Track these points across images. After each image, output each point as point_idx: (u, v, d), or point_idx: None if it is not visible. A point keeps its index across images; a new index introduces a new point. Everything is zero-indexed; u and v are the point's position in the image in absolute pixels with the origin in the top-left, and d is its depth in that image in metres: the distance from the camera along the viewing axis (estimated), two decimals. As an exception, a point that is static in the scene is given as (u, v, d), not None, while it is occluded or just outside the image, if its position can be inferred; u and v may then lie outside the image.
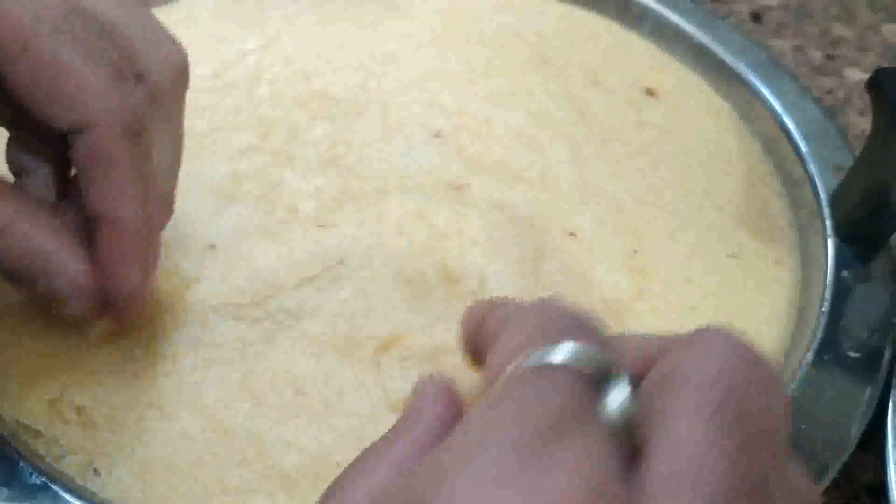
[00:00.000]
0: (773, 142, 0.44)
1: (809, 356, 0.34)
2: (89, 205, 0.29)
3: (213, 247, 0.37)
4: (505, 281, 0.36)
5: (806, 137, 0.43)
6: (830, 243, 0.38)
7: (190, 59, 0.45)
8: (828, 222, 0.39)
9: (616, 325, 0.36)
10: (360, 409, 0.33)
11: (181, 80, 0.31)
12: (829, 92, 0.48)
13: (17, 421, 0.32)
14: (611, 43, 0.49)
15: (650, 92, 0.46)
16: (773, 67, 0.46)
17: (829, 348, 0.35)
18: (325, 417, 0.32)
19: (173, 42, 0.31)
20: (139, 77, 0.29)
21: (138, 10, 0.30)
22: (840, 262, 0.38)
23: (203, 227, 0.38)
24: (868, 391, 0.34)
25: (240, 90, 0.44)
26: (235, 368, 0.34)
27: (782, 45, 0.50)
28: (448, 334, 0.35)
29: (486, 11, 0.50)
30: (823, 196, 0.40)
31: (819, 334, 0.35)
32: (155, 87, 0.29)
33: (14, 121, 0.30)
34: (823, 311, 0.36)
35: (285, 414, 0.32)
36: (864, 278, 0.37)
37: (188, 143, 0.41)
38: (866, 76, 0.37)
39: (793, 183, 0.42)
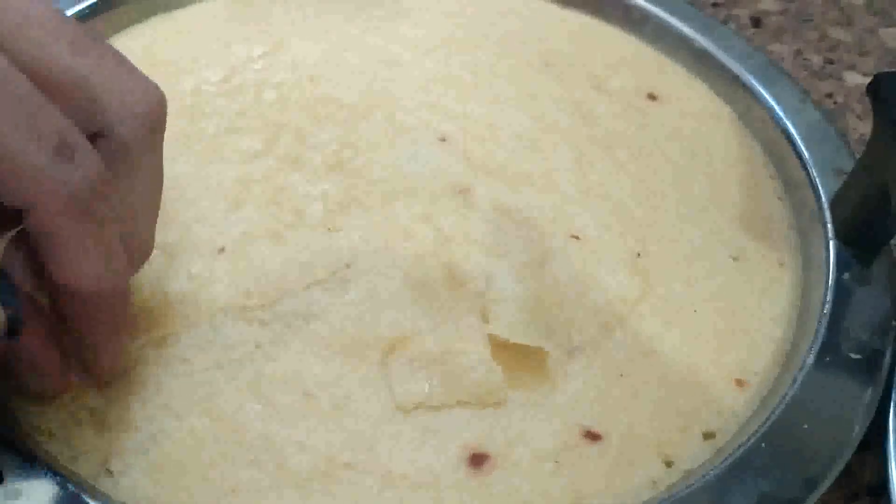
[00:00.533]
0: (774, 145, 0.44)
1: (811, 358, 0.35)
2: (49, 275, 0.28)
3: (222, 250, 0.37)
4: (509, 283, 0.37)
5: (806, 140, 0.43)
6: (831, 246, 0.39)
7: (200, 63, 0.46)
8: (829, 225, 0.39)
9: (621, 328, 0.36)
10: (369, 410, 0.33)
11: (155, 124, 0.29)
12: (829, 96, 0.49)
13: (31, 423, 0.32)
14: (613, 47, 0.49)
15: (652, 96, 0.47)
16: (774, 71, 0.47)
17: (830, 350, 0.35)
18: (334, 418, 0.33)
19: (143, 83, 0.29)
20: (100, 133, 0.28)
21: (100, 51, 0.28)
22: (841, 265, 0.38)
23: (212, 231, 0.38)
24: (869, 392, 0.34)
25: (248, 95, 0.44)
26: (245, 370, 0.34)
27: (782, 49, 0.51)
28: (455, 336, 0.35)
29: (490, 16, 0.50)
30: (824, 199, 0.40)
31: (820, 336, 0.36)
32: (121, 139, 0.28)
33: None
34: (825, 314, 0.36)
35: (295, 415, 0.33)
36: (865, 281, 0.37)
37: (197, 148, 0.42)
38: (865, 80, 0.37)
39: (794, 186, 0.43)
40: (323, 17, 0.49)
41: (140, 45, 0.47)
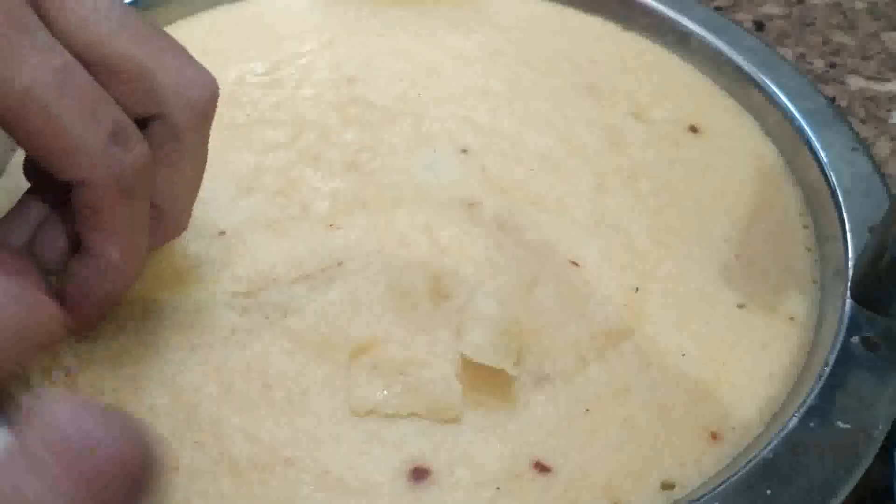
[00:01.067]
0: (815, 194, 0.42)
1: (794, 421, 0.33)
2: (82, 237, 0.30)
3: (222, 233, 0.38)
4: (491, 302, 0.36)
5: (848, 192, 0.40)
6: (847, 305, 0.36)
7: (248, 54, 0.47)
8: (849, 284, 0.37)
9: (598, 363, 0.35)
10: (321, 410, 0.33)
11: (206, 112, 0.31)
12: (832, 100, 0.47)
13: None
14: (664, 75, 0.47)
15: (693, 129, 0.45)
16: (830, 115, 0.44)
17: (818, 415, 0.33)
18: (285, 413, 0.33)
19: (200, 73, 0.31)
20: (155, 117, 0.30)
21: (160, 43, 0.30)
22: (852, 327, 0.35)
23: (217, 214, 0.39)
24: (855, 464, 0.32)
25: (285, 89, 0.45)
26: (215, 353, 0.35)
27: (785, 53, 0.50)
28: (424, 348, 0.35)
29: (543, 33, 0.50)
30: (851, 255, 0.38)
31: (810, 399, 0.33)
32: (174, 125, 0.31)
33: None
34: (821, 376, 0.34)
35: (249, 404, 0.33)
36: (873, 347, 0.35)
37: (224, 133, 0.43)
38: (868, 84, 0.36)
39: (825, 238, 0.40)
40: (377, 19, 0.50)
41: (198, 32, 0.49)
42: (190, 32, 0.49)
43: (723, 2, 0.54)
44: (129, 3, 0.48)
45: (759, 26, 0.52)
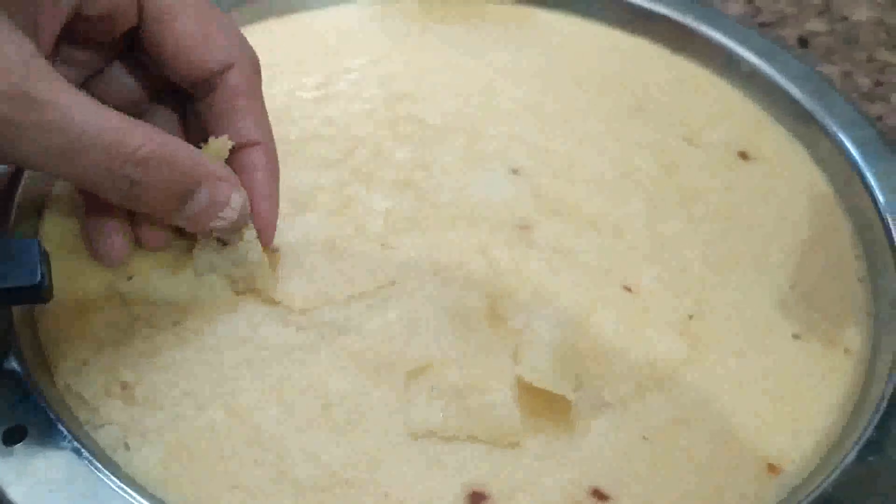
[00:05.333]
0: (867, 224, 0.42)
1: (852, 455, 0.33)
2: (237, 137, 0.36)
3: (276, 251, 0.38)
4: (549, 326, 0.36)
5: (902, 224, 0.40)
6: (904, 339, 0.36)
7: (300, 68, 0.48)
8: (905, 317, 0.37)
9: (657, 391, 0.35)
10: (381, 431, 0.33)
11: (258, 69, 0.37)
12: (880, 119, 0.47)
13: (68, 385, 0.34)
14: (714, 100, 0.47)
15: (744, 155, 0.45)
16: (882, 146, 0.44)
17: (875, 449, 0.33)
18: (345, 434, 0.33)
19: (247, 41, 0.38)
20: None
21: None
22: (909, 361, 0.36)
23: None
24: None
25: (337, 104, 0.45)
26: (273, 372, 0.35)
27: (831, 70, 0.50)
28: (482, 372, 0.35)
29: (595, 54, 0.50)
30: (907, 288, 0.38)
31: (867, 433, 0.33)
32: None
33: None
34: (878, 411, 0.34)
35: (309, 424, 0.33)
36: (932, 382, 0.35)
37: (278, 149, 0.43)
38: None
39: (879, 270, 0.40)
40: (427, 35, 0.50)
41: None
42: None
43: (767, 17, 0.54)
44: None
45: (804, 43, 0.52)
